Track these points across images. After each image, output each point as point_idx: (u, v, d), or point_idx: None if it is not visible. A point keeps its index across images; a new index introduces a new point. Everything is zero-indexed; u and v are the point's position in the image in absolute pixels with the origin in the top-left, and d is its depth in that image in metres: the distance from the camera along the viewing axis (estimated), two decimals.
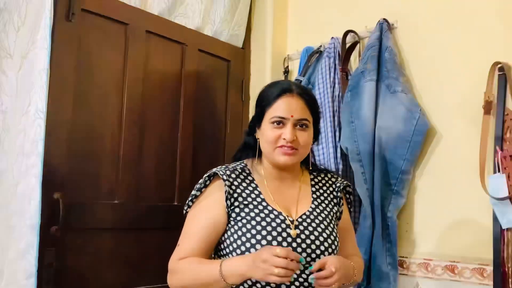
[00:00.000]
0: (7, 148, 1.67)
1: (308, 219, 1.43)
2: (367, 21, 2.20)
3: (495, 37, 1.83)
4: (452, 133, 1.92)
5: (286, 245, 1.35)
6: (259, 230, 1.36)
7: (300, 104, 1.45)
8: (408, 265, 1.97)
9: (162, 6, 2.26)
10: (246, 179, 1.48)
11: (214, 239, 1.43)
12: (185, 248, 1.42)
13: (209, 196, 1.46)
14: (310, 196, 1.52)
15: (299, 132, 1.43)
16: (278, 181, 1.50)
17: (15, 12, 1.72)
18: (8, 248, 1.63)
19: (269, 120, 1.44)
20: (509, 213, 1.70)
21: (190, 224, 1.46)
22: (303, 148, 1.45)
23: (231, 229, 1.40)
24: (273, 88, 1.49)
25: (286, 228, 1.38)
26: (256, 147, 1.51)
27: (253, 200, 1.43)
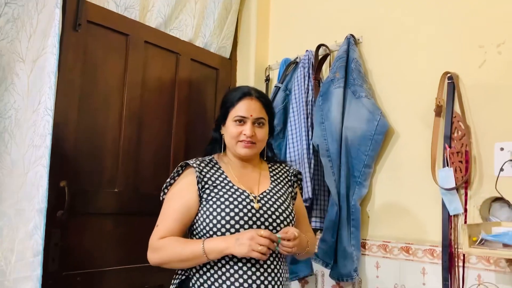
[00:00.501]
0: (18, 141, 1.63)
1: (268, 195, 1.49)
2: (336, 36, 2.19)
3: (445, 50, 1.83)
4: (408, 133, 1.92)
5: (251, 215, 1.41)
6: (227, 205, 1.41)
7: (258, 106, 1.52)
8: (370, 247, 1.97)
9: (159, 20, 2.23)
10: (213, 167, 1.53)
11: (188, 220, 1.46)
12: (164, 228, 1.44)
13: (182, 182, 1.50)
14: (269, 179, 1.58)
15: (257, 129, 1.51)
16: (241, 168, 1.56)
17: (27, 21, 1.68)
18: (18, 229, 1.58)
19: (232, 119, 1.51)
20: (456, 202, 1.70)
21: (167, 207, 1.48)
22: (260, 142, 1.53)
23: (203, 208, 1.43)
24: (235, 92, 1.57)
25: (250, 202, 1.43)
26: (220, 141, 1.58)
27: (220, 182, 1.47)
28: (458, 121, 1.74)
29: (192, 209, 1.45)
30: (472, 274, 1.64)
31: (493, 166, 1.64)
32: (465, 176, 1.67)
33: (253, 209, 1.42)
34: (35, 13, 1.69)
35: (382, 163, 1.98)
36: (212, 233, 1.40)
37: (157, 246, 1.43)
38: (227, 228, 1.38)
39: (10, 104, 1.65)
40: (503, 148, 1.62)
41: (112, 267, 1.95)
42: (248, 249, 1.30)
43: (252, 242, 1.30)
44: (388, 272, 1.89)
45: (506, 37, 1.67)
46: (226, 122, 1.54)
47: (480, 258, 1.63)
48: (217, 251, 1.34)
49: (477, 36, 1.74)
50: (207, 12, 2.47)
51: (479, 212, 1.66)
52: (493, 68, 1.69)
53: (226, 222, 1.38)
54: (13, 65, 1.66)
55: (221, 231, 1.38)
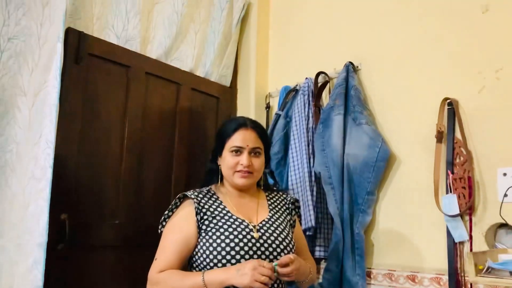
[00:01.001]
0: (19, 174, 1.64)
1: (267, 224, 1.49)
2: (335, 64, 2.22)
3: (444, 76, 1.84)
4: (410, 159, 1.91)
5: (251, 245, 1.41)
6: (227, 235, 1.41)
7: (254, 136, 1.54)
8: (375, 275, 1.93)
9: (159, 51, 2.26)
10: (211, 198, 1.53)
11: (187, 252, 1.46)
12: (163, 262, 1.43)
13: (180, 214, 1.50)
14: (267, 207, 1.58)
15: (254, 158, 1.52)
16: (239, 198, 1.56)
17: (29, 56, 1.71)
18: (18, 264, 1.57)
19: (229, 149, 1.52)
20: (461, 228, 1.68)
21: (165, 240, 1.48)
22: (257, 171, 1.54)
23: (203, 239, 1.43)
24: (231, 123, 1.58)
25: (250, 232, 1.43)
26: (217, 172, 1.58)
27: (219, 213, 1.47)
28: (459, 147, 1.74)
29: (191, 241, 1.45)
30: None
31: (497, 191, 1.63)
32: (468, 202, 1.65)
33: (253, 238, 1.42)
34: (37, 47, 1.72)
35: (385, 190, 1.97)
36: (212, 264, 1.39)
37: (156, 280, 1.41)
38: (228, 259, 1.38)
39: (12, 137, 1.66)
40: (506, 173, 1.61)
41: None
42: (250, 280, 1.29)
43: (255, 272, 1.29)
44: None
45: (504, 63, 1.68)
46: (222, 153, 1.55)
47: (487, 287, 1.60)
48: (217, 282, 1.33)
49: (475, 62, 1.75)
50: (207, 43, 2.51)
51: (484, 238, 1.63)
52: (492, 94, 1.70)
53: (227, 253, 1.38)
54: (15, 99, 1.68)
55: (222, 262, 1.38)
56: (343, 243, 1.91)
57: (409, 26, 2.00)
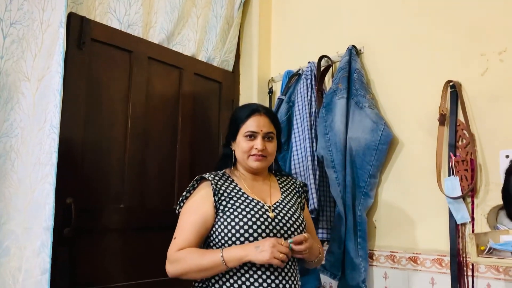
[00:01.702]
0: (24, 159, 1.64)
1: (281, 205, 1.55)
2: (338, 48, 2.21)
3: (447, 58, 1.83)
4: (412, 142, 1.92)
5: (267, 224, 1.46)
6: (245, 215, 1.45)
7: (267, 121, 1.59)
8: (377, 257, 1.96)
9: (162, 36, 2.26)
10: (227, 180, 1.57)
11: (205, 231, 1.49)
12: (181, 240, 1.46)
13: (198, 195, 1.54)
14: (279, 190, 1.64)
15: (267, 143, 1.57)
16: (252, 181, 1.61)
17: (32, 41, 1.71)
18: (26, 247, 1.59)
19: (243, 134, 1.56)
20: (463, 210, 1.70)
21: (184, 219, 1.51)
22: (270, 155, 1.59)
23: (221, 219, 1.47)
24: (244, 109, 1.63)
25: (266, 212, 1.49)
26: (231, 156, 1.63)
27: (235, 194, 1.52)
28: (462, 130, 1.74)
29: (208, 221, 1.49)
30: (481, 284, 1.63)
31: (499, 173, 1.63)
32: (471, 185, 1.66)
33: (269, 218, 1.48)
34: (40, 33, 1.71)
35: (387, 173, 1.98)
36: (230, 242, 1.43)
37: (175, 257, 1.45)
38: (246, 237, 1.42)
39: (17, 123, 1.66)
40: (508, 155, 1.62)
41: (120, 283, 1.94)
42: (270, 256, 1.34)
43: (274, 249, 1.35)
44: (397, 282, 1.88)
45: (508, 45, 1.67)
46: (237, 138, 1.59)
47: (489, 267, 1.61)
48: (236, 259, 1.38)
49: (478, 45, 1.74)
50: (209, 27, 2.50)
51: (486, 220, 1.65)
52: (496, 76, 1.69)
53: (245, 231, 1.43)
54: (19, 84, 1.68)
55: (240, 240, 1.42)
56: (345, 226, 1.92)
57: (412, 9, 1.98)
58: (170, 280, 2.11)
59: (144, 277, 2.01)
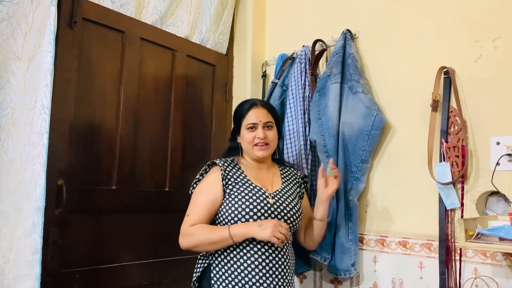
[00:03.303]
0: (15, 139, 1.63)
1: (280, 193, 1.73)
2: (333, 32, 2.20)
3: (441, 44, 1.84)
4: (405, 128, 1.93)
5: (266, 209, 1.65)
6: (247, 199, 1.65)
7: (265, 112, 1.78)
8: (367, 241, 1.98)
9: (155, 17, 2.23)
10: (235, 167, 1.76)
11: (214, 211, 1.69)
12: (194, 217, 1.66)
13: (209, 178, 1.73)
14: (280, 179, 1.82)
15: (267, 131, 1.76)
16: (257, 169, 1.79)
17: (22, 19, 1.68)
18: (16, 227, 1.59)
19: (245, 127, 1.76)
20: (453, 196, 1.72)
21: (196, 199, 1.71)
22: (272, 142, 1.77)
23: (227, 201, 1.67)
24: (244, 105, 1.82)
25: (266, 198, 1.68)
26: (238, 148, 1.82)
27: (241, 180, 1.71)
28: (454, 116, 1.75)
29: (218, 201, 1.68)
30: (468, 268, 1.66)
31: (489, 160, 1.65)
32: (461, 171, 1.68)
33: (269, 203, 1.67)
34: (30, 11, 1.68)
35: (379, 158, 1.99)
36: (233, 222, 1.64)
37: (188, 232, 1.65)
38: (247, 218, 1.63)
39: (7, 102, 1.65)
40: (499, 142, 1.63)
41: (111, 264, 1.96)
42: (270, 234, 1.55)
43: (275, 229, 1.55)
44: (386, 266, 1.91)
45: (502, 32, 1.67)
46: (240, 131, 1.79)
47: (476, 252, 1.65)
48: (241, 234, 1.59)
49: (473, 31, 1.75)
50: (203, 8, 2.47)
51: (475, 206, 1.67)
52: (489, 63, 1.70)
53: (246, 213, 1.63)
54: (9, 64, 1.65)
55: (241, 220, 1.63)
56: (336, 210, 1.94)
57: None
58: (162, 262, 2.14)
59: (133, 259, 2.03)
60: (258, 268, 1.61)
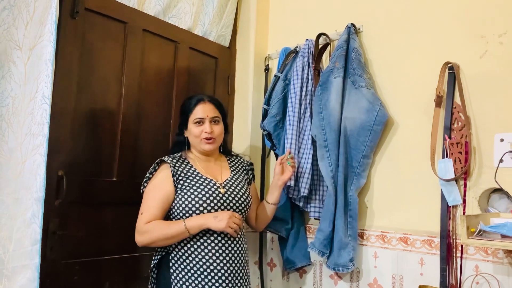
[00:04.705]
0: (15, 129, 1.63)
1: (230, 182, 1.83)
2: (337, 26, 2.18)
3: (446, 40, 1.82)
4: (408, 123, 1.91)
5: (219, 199, 1.74)
6: (200, 191, 1.73)
7: (211, 107, 1.85)
8: (368, 237, 1.97)
9: (157, 8, 2.21)
10: (183, 162, 1.82)
11: (167, 206, 1.75)
12: (148, 215, 1.71)
13: (159, 176, 1.77)
14: (228, 169, 1.92)
15: (214, 126, 1.83)
16: (205, 162, 1.87)
17: (24, 8, 1.67)
18: (16, 217, 1.59)
19: (193, 121, 1.82)
20: (455, 192, 1.70)
21: (148, 197, 1.75)
22: (218, 136, 1.85)
23: (179, 195, 1.73)
24: (191, 99, 1.88)
25: (217, 188, 1.76)
26: (184, 143, 1.88)
27: (191, 174, 1.78)
28: (458, 112, 1.73)
29: (170, 197, 1.74)
30: (469, 265, 1.65)
31: (493, 157, 1.63)
32: (464, 167, 1.66)
33: (220, 193, 1.75)
34: (32, 0, 1.67)
35: (381, 153, 1.97)
36: (188, 215, 1.70)
37: (144, 229, 1.69)
38: (201, 210, 1.70)
39: (7, 92, 1.64)
40: (503, 139, 1.62)
41: (110, 255, 1.95)
42: (226, 225, 1.65)
43: (230, 220, 1.66)
44: (386, 262, 1.90)
45: (508, 27, 1.65)
46: (188, 125, 1.84)
47: (478, 249, 1.63)
48: (196, 226, 1.67)
49: (478, 26, 1.72)
50: (206, 0, 2.45)
51: (478, 203, 1.66)
52: (495, 59, 1.68)
53: (200, 205, 1.70)
54: (10, 53, 1.64)
55: (196, 213, 1.70)
56: (335, 205, 1.93)
57: None
58: None
59: (133, 251, 2.02)
60: (215, 256, 1.69)
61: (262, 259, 2.39)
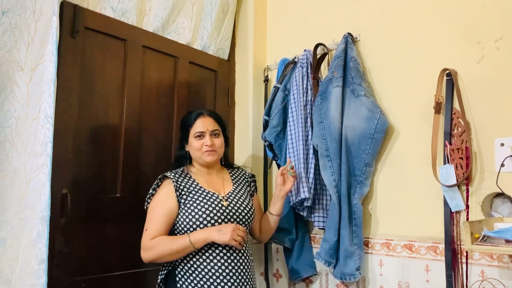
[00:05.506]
0: (19, 150, 1.64)
1: (233, 195, 1.84)
2: (334, 35, 2.20)
3: (443, 47, 1.83)
4: (408, 130, 1.92)
5: (222, 211, 1.75)
6: (203, 205, 1.74)
7: (211, 121, 1.88)
8: (373, 245, 1.97)
9: (156, 24, 2.24)
10: (186, 177, 1.83)
11: (171, 221, 1.76)
12: (153, 231, 1.73)
13: (162, 192, 1.79)
14: (231, 182, 1.93)
15: (214, 139, 1.86)
16: (207, 175, 1.89)
17: (25, 30, 1.69)
18: (22, 237, 1.59)
19: (193, 136, 1.85)
20: (458, 198, 1.71)
21: (153, 213, 1.76)
22: (219, 148, 1.87)
23: (183, 210, 1.75)
24: (191, 114, 1.90)
25: (220, 201, 1.77)
26: (186, 157, 1.90)
27: (194, 189, 1.79)
28: (457, 118, 1.74)
29: (173, 212, 1.76)
30: (475, 270, 1.65)
31: (494, 161, 1.64)
32: (466, 173, 1.67)
33: (223, 206, 1.77)
34: (33, 21, 1.69)
35: (383, 161, 1.98)
36: (192, 229, 1.71)
37: (150, 245, 1.71)
38: (205, 224, 1.71)
39: (11, 113, 1.65)
40: (503, 143, 1.63)
41: (116, 272, 1.96)
42: (230, 238, 1.66)
43: (233, 233, 1.67)
44: (392, 269, 1.90)
45: (504, 33, 1.67)
46: (188, 140, 1.87)
47: (483, 254, 1.63)
48: (201, 240, 1.68)
49: (475, 32, 1.74)
50: (204, 15, 2.47)
51: (481, 208, 1.66)
52: (492, 64, 1.69)
53: (203, 219, 1.72)
54: (12, 74, 1.66)
55: (200, 227, 1.71)
56: (339, 214, 1.93)
57: None
58: None
59: (139, 267, 2.02)
60: (221, 269, 1.70)
61: (267, 270, 2.38)
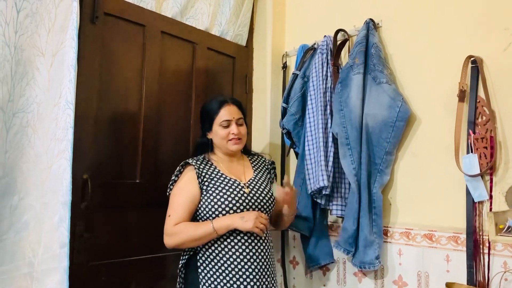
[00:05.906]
0: (41, 135, 1.65)
1: (254, 182, 1.84)
2: (355, 21, 2.16)
3: (468, 33, 1.79)
4: (430, 119, 1.89)
5: (244, 198, 1.75)
6: (225, 192, 1.74)
7: (235, 109, 1.86)
8: (392, 234, 1.96)
9: (175, 10, 2.22)
10: (207, 164, 1.83)
11: (194, 208, 1.76)
12: (176, 217, 1.73)
13: (185, 178, 1.79)
14: (251, 168, 1.92)
15: (240, 127, 1.85)
16: (228, 162, 1.88)
17: (46, 15, 1.69)
18: (44, 221, 1.61)
19: (219, 124, 1.82)
20: (481, 188, 1.68)
21: (175, 199, 1.77)
22: (244, 136, 1.87)
23: (205, 197, 1.74)
24: (214, 102, 1.87)
25: (242, 188, 1.77)
26: (207, 145, 1.89)
27: (215, 175, 1.79)
28: (482, 106, 1.71)
29: (196, 199, 1.75)
30: (497, 262, 1.63)
31: None
32: (490, 163, 1.64)
33: (245, 193, 1.77)
34: (53, 7, 1.69)
35: (404, 150, 1.96)
36: (214, 216, 1.72)
37: (173, 231, 1.71)
38: (227, 210, 1.72)
39: (32, 98, 1.66)
40: None
41: (136, 256, 1.98)
42: (252, 225, 1.67)
43: (256, 220, 1.68)
44: (411, 259, 1.89)
45: None
46: (212, 128, 1.84)
47: (506, 245, 1.61)
48: (224, 226, 1.68)
49: (502, 18, 1.69)
50: (223, 0, 2.45)
51: (505, 198, 1.63)
52: None
53: (226, 206, 1.72)
54: (33, 60, 1.67)
55: (222, 213, 1.71)
56: (359, 203, 1.92)
57: None
58: None
59: (159, 251, 2.04)
60: (242, 255, 1.71)
61: (284, 257, 2.39)
